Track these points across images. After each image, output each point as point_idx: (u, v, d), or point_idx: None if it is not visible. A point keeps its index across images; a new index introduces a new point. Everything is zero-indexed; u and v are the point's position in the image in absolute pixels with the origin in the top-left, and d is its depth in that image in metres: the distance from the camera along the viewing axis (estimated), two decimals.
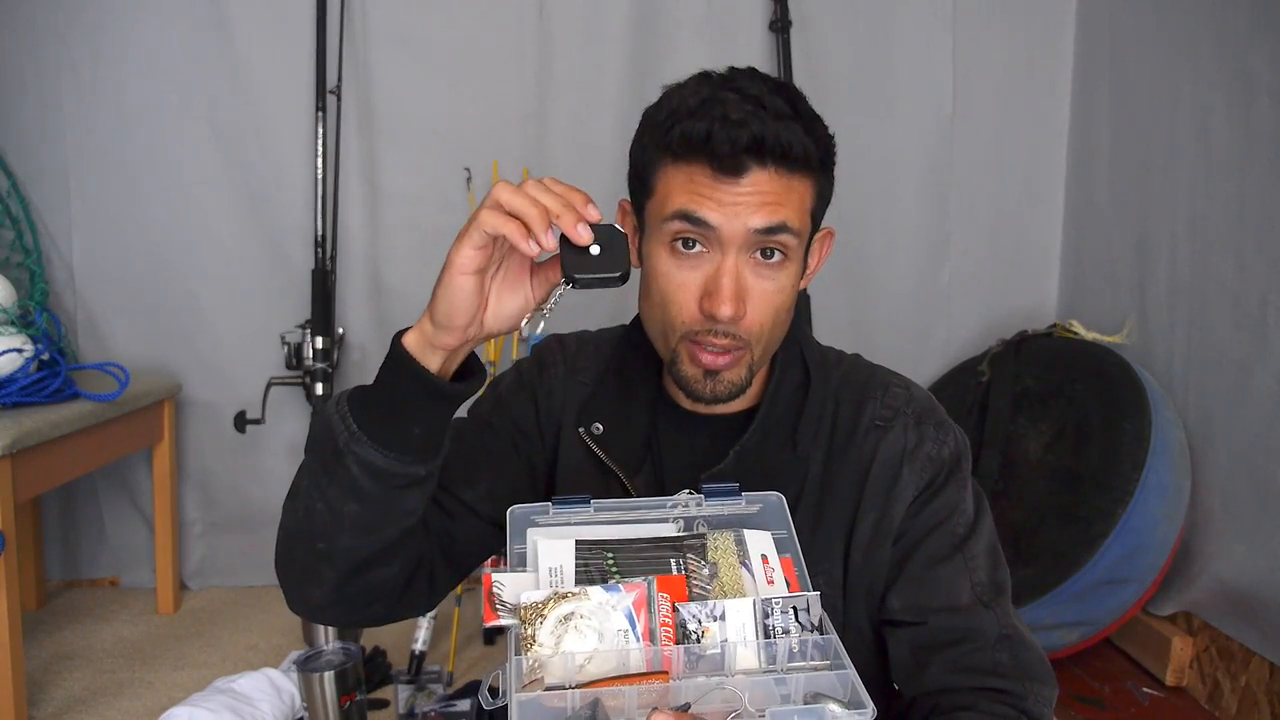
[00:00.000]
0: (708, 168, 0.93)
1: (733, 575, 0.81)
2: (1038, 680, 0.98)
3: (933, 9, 2.85)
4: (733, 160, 0.92)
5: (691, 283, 0.96)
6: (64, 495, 2.89)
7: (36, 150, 2.72)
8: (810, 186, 0.97)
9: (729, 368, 0.99)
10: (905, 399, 1.08)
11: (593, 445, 1.09)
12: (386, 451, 0.88)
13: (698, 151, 0.93)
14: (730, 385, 1.00)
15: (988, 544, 1.04)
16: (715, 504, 0.90)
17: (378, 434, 0.88)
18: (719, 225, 0.93)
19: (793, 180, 0.95)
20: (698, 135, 0.92)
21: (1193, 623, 2.27)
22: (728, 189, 0.93)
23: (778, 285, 0.97)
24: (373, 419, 0.89)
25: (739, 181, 0.93)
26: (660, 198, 0.97)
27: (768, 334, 1.00)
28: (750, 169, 0.92)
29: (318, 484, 0.92)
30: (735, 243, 0.94)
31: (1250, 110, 2.09)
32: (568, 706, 0.67)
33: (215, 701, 1.97)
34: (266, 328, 2.79)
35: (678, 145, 0.94)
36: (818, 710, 0.68)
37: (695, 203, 0.94)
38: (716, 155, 0.92)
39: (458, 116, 2.81)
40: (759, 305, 0.97)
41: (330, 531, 0.93)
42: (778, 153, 0.92)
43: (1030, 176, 2.95)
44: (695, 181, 0.94)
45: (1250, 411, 2.09)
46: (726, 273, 0.94)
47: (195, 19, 2.71)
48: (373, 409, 0.90)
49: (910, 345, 2.97)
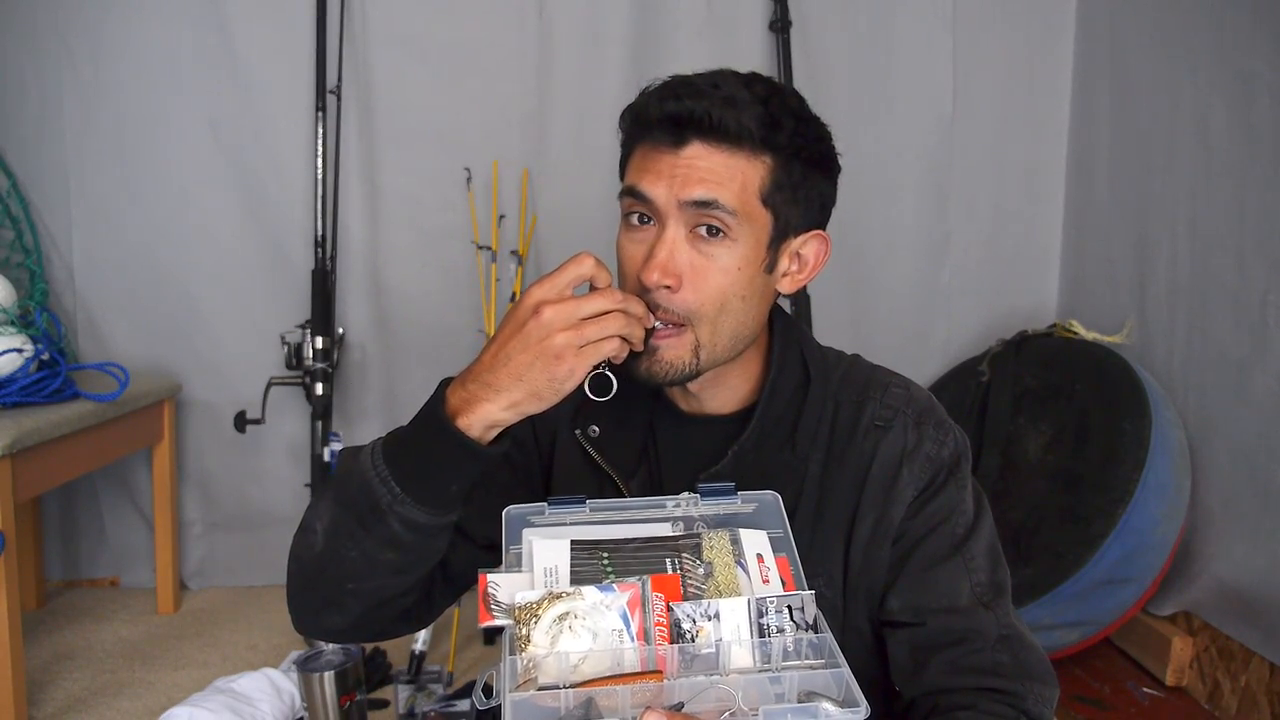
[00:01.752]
0: (656, 140, 0.98)
1: (728, 575, 0.81)
2: (1038, 680, 0.97)
3: (933, 9, 2.85)
4: (665, 130, 0.96)
5: (637, 255, 0.99)
6: (64, 495, 2.89)
7: (36, 150, 2.72)
8: (759, 168, 0.97)
9: (668, 346, 0.98)
10: (905, 399, 1.08)
11: (589, 448, 1.09)
12: (429, 511, 0.91)
13: (645, 125, 0.99)
14: (668, 366, 0.99)
15: (987, 544, 1.04)
16: (710, 504, 0.89)
17: (419, 494, 0.91)
18: (653, 196, 0.97)
19: (734, 158, 0.96)
20: (639, 109, 1.00)
21: (1193, 623, 2.27)
22: (666, 160, 0.97)
23: (719, 264, 0.97)
24: (411, 477, 0.91)
25: (678, 153, 0.96)
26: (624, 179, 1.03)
27: (711, 315, 0.98)
28: (689, 141, 0.96)
29: (352, 536, 0.94)
30: (671, 214, 0.97)
31: (1250, 110, 2.09)
32: (561, 706, 0.67)
33: (215, 701, 1.96)
34: (266, 328, 2.79)
35: (631, 125, 1.02)
36: (811, 708, 0.68)
37: (637, 176, 0.99)
38: (655, 125, 0.97)
39: (458, 116, 2.81)
40: (695, 280, 0.97)
41: (364, 575, 0.96)
42: (707, 125, 0.95)
43: (1030, 176, 2.95)
44: (644, 157, 0.99)
45: (1250, 411, 2.09)
46: (662, 243, 0.97)
47: (195, 19, 2.71)
48: (410, 468, 0.91)
49: (910, 345, 2.96)
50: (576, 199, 2.80)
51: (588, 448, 1.09)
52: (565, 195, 2.83)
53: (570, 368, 0.87)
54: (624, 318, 0.90)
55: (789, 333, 1.11)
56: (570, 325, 0.87)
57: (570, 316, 0.87)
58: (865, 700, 0.69)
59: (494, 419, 0.89)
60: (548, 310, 0.87)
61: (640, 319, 0.92)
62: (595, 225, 2.76)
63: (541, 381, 0.87)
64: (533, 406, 0.89)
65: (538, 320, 0.87)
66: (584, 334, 0.87)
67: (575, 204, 2.80)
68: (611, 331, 0.89)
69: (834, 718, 0.67)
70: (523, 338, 0.87)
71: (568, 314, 0.87)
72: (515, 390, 0.88)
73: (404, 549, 0.93)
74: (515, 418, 0.90)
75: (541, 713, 0.67)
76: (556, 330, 0.86)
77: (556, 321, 0.86)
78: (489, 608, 0.77)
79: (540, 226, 2.83)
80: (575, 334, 0.87)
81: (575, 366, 0.87)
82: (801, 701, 0.69)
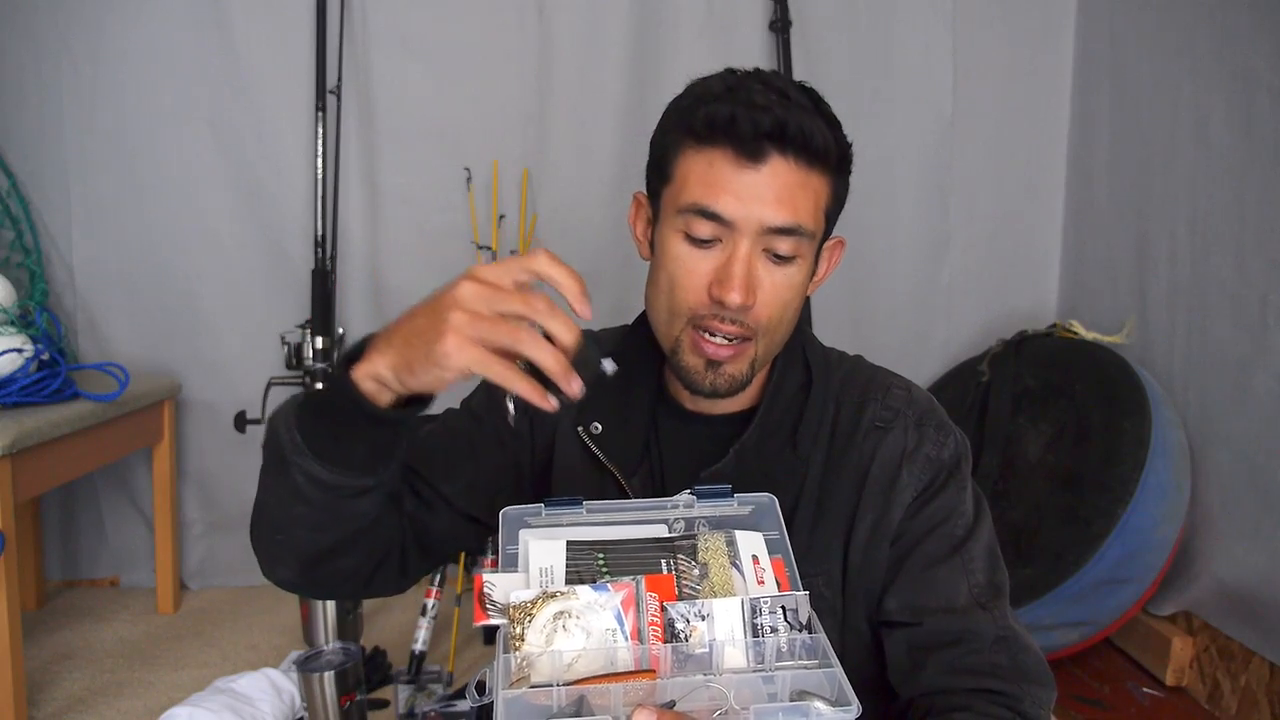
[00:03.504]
0: (729, 151, 0.93)
1: (723, 575, 0.81)
2: (1035, 683, 0.97)
3: (933, 9, 2.85)
4: (754, 144, 0.92)
5: (703, 269, 0.97)
6: (64, 495, 2.89)
7: (36, 150, 2.73)
8: (827, 185, 0.98)
9: (732, 360, 0.99)
10: (906, 400, 1.08)
11: (590, 444, 1.08)
12: (330, 467, 0.87)
13: (720, 134, 0.93)
14: (731, 379, 1.00)
15: (986, 546, 1.04)
16: (707, 505, 0.89)
17: (322, 449, 0.86)
18: (734, 219, 0.94)
19: (810, 175, 0.95)
20: (722, 117, 0.93)
21: (1193, 623, 2.27)
22: (747, 177, 0.93)
23: (789, 280, 0.98)
24: (319, 433, 0.86)
25: (758, 169, 0.93)
26: (678, 184, 0.98)
27: (774, 328, 1.00)
28: (770, 156, 0.93)
29: (269, 483, 0.92)
30: (750, 234, 0.95)
31: (1250, 110, 2.09)
32: (554, 704, 0.67)
33: (215, 701, 1.97)
34: (266, 328, 2.80)
35: (701, 127, 0.95)
36: (802, 707, 0.68)
37: (712, 196, 0.94)
38: (739, 137, 0.92)
39: (458, 116, 2.81)
40: (768, 297, 0.97)
41: (284, 526, 0.93)
42: (799, 141, 0.92)
43: (1030, 176, 2.95)
44: (714, 169, 0.94)
45: (1250, 411, 2.09)
46: (739, 260, 0.95)
47: (195, 19, 2.71)
48: (320, 423, 0.87)
49: (910, 345, 2.97)
50: (576, 199, 2.80)
51: (590, 444, 1.08)
52: (565, 195, 2.83)
53: (448, 350, 0.75)
54: (536, 340, 0.76)
55: (792, 333, 1.11)
56: (475, 310, 0.76)
57: (483, 302, 0.76)
58: (857, 700, 0.68)
59: (376, 372, 0.82)
60: (467, 285, 0.77)
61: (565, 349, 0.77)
62: (595, 225, 2.76)
63: (419, 350, 0.78)
64: (405, 375, 0.80)
65: (454, 291, 0.77)
66: (481, 327, 0.75)
67: (575, 204, 2.80)
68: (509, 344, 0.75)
69: (826, 716, 0.67)
70: (433, 302, 0.79)
71: (483, 298, 0.76)
72: (400, 351, 0.80)
73: (312, 505, 0.89)
74: (394, 381, 0.82)
75: (533, 710, 0.67)
76: (460, 307, 0.76)
77: (465, 299, 0.76)
78: (484, 607, 0.77)
79: (540, 226, 2.83)
80: (473, 321, 0.75)
81: (455, 354, 0.75)
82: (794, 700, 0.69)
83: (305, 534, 0.93)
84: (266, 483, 0.93)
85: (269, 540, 0.97)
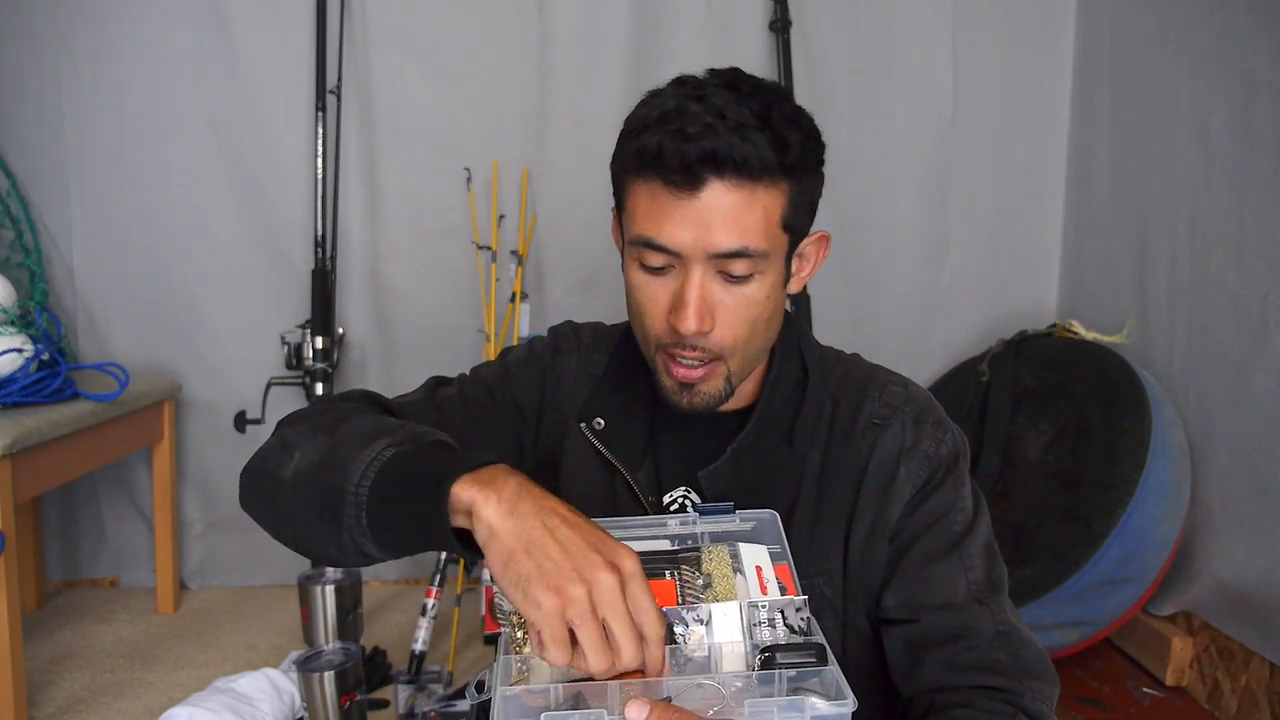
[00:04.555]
0: (662, 183, 0.92)
1: (726, 585, 0.81)
2: (1036, 677, 0.97)
3: (933, 9, 2.85)
4: (686, 175, 0.90)
5: (661, 298, 0.97)
6: (64, 495, 2.89)
7: (36, 150, 2.73)
8: (781, 194, 0.94)
9: (704, 380, 1.00)
10: (903, 398, 1.08)
11: (594, 440, 1.09)
12: (383, 552, 0.82)
13: (652, 167, 0.92)
14: (707, 397, 1.01)
15: (984, 542, 1.04)
16: (709, 522, 0.90)
17: (382, 536, 0.81)
18: (679, 249, 0.93)
19: (756, 191, 0.92)
20: (650, 150, 0.91)
21: (1193, 623, 2.27)
22: (686, 205, 0.91)
23: (748, 299, 0.96)
24: (385, 525, 0.80)
25: (697, 195, 0.91)
26: (629, 214, 0.98)
27: (743, 345, 0.99)
28: (707, 181, 0.90)
29: (307, 509, 0.86)
30: (699, 260, 0.93)
31: (1250, 110, 2.09)
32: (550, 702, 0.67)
33: (215, 701, 1.97)
34: (266, 328, 2.80)
35: (633, 162, 0.94)
36: (798, 702, 0.68)
37: (654, 228, 0.93)
38: (669, 170, 0.90)
39: (458, 116, 2.81)
40: (728, 320, 0.96)
41: (303, 541, 0.90)
42: (733, 164, 0.89)
43: (1030, 177, 2.95)
44: (656, 200, 0.93)
45: (1250, 411, 2.08)
46: (691, 287, 0.94)
47: (195, 19, 2.71)
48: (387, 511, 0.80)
49: (910, 345, 2.97)
50: (576, 199, 2.80)
51: (593, 440, 1.09)
52: (565, 195, 2.83)
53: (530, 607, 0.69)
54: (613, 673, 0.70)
55: (788, 331, 1.12)
56: (607, 606, 0.69)
57: (614, 605, 0.69)
58: (852, 694, 0.68)
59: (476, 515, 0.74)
60: (608, 579, 0.70)
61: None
62: (595, 225, 2.76)
63: (524, 571, 0.70)
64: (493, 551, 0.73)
65: (597, 573, 0.70)
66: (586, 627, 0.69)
67: (575, 204, 2.80)
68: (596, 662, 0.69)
69: (822, 710, 0.67)
70: (569, 551, 0.71)
71: (616, 603, 0.70)
72: (506, 537, 0.72)
73: (344, 556, 0.85)
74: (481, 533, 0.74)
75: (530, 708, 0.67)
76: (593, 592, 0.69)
77: (602, 589, 0.70)
78: (495, 617, 0.78)
79: (540, 226, 2.83)
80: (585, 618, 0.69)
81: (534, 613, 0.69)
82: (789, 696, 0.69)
83: (322, 553, 0.90)
84: (300, 495, 0.86)
85: (275, 521, 0.92)
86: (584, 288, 2.85)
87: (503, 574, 0.71)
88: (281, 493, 0.89)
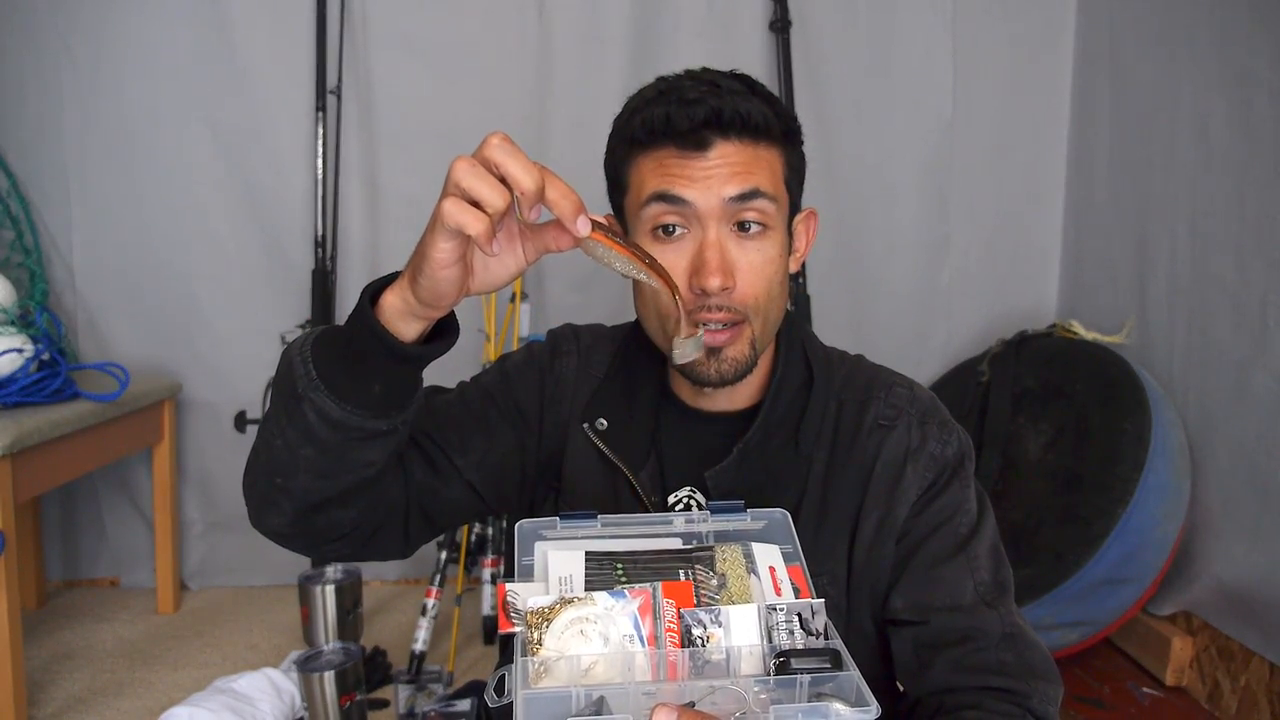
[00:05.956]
0: (673, 148, 0.96)
1: (740, 585, 0.81)
2: (1042, 679, 0.97)
3: (933, 9, 2.86)
4: (695, 135, 0.95)
5: (678, 265, 0.97)
6: (64, 495, 2.89)
7: (36, 150, 2.73)
8: (779, 156, 1.00)
9: (730, 343, 1.00)
10: (909, 399, 1.08)
11: (597, 441, 1.09)
12: (344, 404, 0.84)
13: (661, 135, 0.96)
14: (734, 363, 1.01)
15: (991, 544, 1.04)
16: (720, 520, 0.90)
17: (337, 385, 0.84)
18: (694, 200, 0.95)
19: (759, 149, 0.97)
20: (658, 119, 0.96)
21: (1193, 623, 2.28)
22: (697, 164, 0.96)
23: (764, 256, 0.99)
24: (335, 368, 0.85)
25: (706, 155, 0.95)
26: (635, 189, 1.00)
27: (764, 306, 1.00)
28: (714, 142, 0.95)
29: (278, 422, 0.89)
30: (713, 215, 0.96)
31: (1250, 110, 2.09)
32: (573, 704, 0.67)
33: (215, 701, 1.97)
34: (266, 328, 2.80)
35: (641, 133, 0.98)
36: (822, 708, 0.68)
37: (668, 182, 0.96)
38: (679, 133, 0.95)
39: (458, 116, 2.81)
40: (748, 276, 0.98)
41: (287, 470, 0.91)
42: (738, 123, 0.95)
43: (1030, 176, 2.95)
44: (665, 164, 0.97)
45: (1250, 411, 2.09)
46: (710, 246, 0.96)
47: (195, 19, 2.71)
48: (336, 357, 0.85)
49: (910, 345, 2.97)
50: None
51: (596, 441, 1.09)
52: None
53: (441, 212, 0.76)
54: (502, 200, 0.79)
55: (793, 331, 1.12)
56: (464, 175, 0.78)
57: (497, 148, 0.82)
58: (876, 701, 0.69)
59: (394, 302, 0.83)
60: (457, 164, 0.78)
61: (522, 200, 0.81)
62: None
63: (420, 249, 0.79)
64: (415, 289, 0.81)
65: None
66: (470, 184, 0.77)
67: None
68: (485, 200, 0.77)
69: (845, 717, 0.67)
70: None
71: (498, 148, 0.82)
72: (411, 263, 0.81)
73: (322, 447, 0.87)
74: (413, 302, 0.82)
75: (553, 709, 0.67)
76: (449, 193, 0.77)
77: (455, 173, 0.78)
78: (509, 615, 0.78)
79: None
80: (462, 182, 0.77)
81: (447, 215, 0.76)
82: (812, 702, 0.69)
83: (307, 480, 0.91)
84: (272, 424, 0.90)
85: (266, 485, 0.94)
86: (584, 287, 2.84)
87: (424, 237, 0.79)
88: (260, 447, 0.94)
